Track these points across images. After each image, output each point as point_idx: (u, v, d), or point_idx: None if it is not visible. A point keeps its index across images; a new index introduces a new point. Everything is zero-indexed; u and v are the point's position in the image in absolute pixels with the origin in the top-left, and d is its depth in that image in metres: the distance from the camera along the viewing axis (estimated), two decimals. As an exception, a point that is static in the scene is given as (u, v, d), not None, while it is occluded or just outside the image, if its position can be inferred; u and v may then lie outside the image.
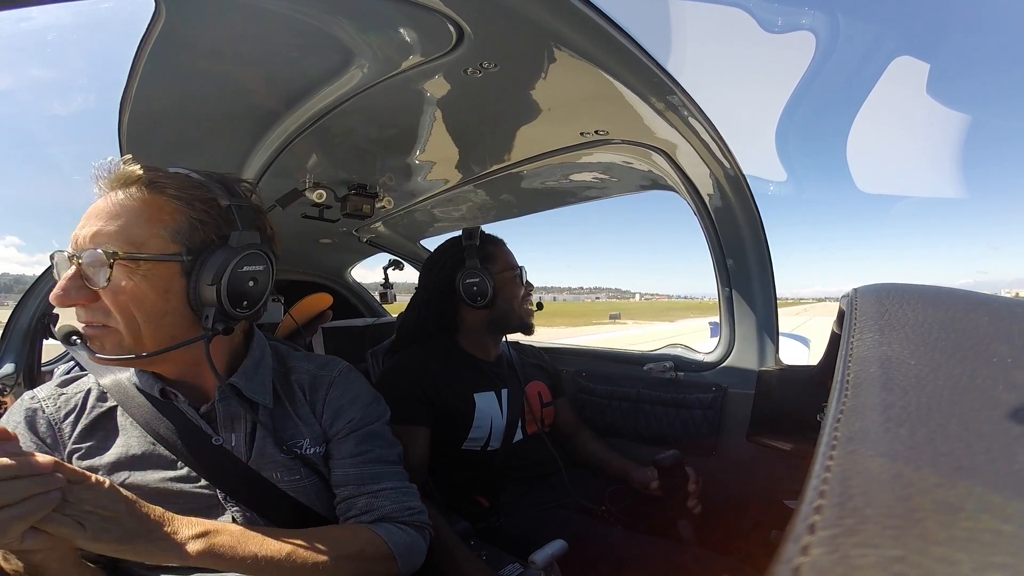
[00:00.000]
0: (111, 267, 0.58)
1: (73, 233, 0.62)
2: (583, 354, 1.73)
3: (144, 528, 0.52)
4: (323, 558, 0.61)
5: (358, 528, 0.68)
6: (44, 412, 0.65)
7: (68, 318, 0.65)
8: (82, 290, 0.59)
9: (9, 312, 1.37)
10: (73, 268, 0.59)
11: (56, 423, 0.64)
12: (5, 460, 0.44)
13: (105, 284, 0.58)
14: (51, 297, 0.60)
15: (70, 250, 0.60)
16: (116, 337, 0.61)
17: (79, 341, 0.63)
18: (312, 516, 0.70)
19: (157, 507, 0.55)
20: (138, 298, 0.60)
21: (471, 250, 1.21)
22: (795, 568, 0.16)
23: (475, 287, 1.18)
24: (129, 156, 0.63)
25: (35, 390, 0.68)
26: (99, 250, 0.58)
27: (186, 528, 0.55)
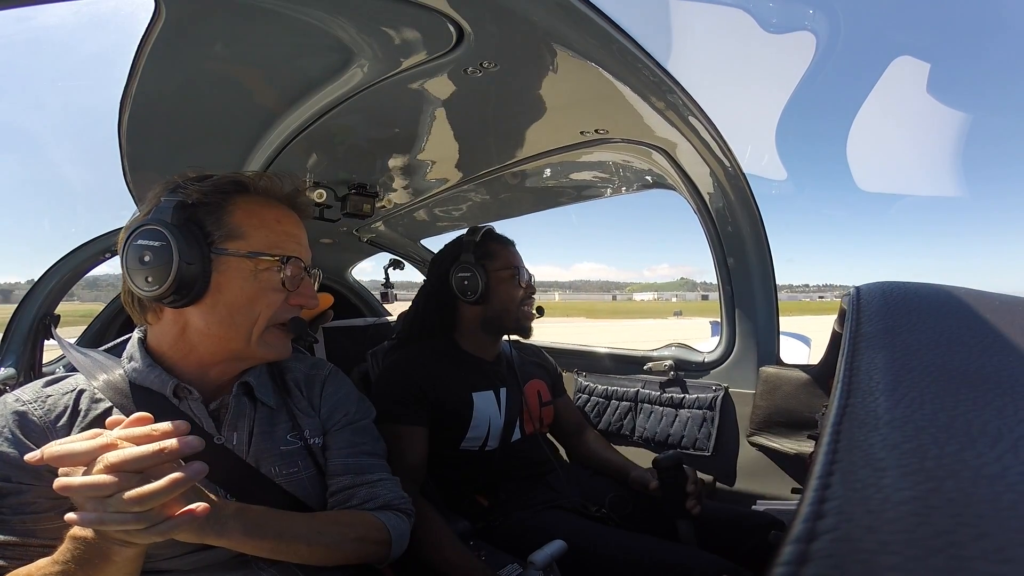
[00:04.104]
0: None
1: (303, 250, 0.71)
2: (583, 354, 1.73)
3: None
4: (331, 539, 0.65)
5: (363, 514, 0.72)
6: (33, 415, 0.61)
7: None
8: None
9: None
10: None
11: (47, 426, 0.61)
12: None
13: None
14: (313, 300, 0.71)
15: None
16: None
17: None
18: (305, 510, 0.71)
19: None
20: None
21: (468, 246, 1.21)
22: (793, 569, 0.16)
23: (465, 281, 1.18)
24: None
25: (18, 392, 0.64)
26: None
27: (226, 505, 0.57)
